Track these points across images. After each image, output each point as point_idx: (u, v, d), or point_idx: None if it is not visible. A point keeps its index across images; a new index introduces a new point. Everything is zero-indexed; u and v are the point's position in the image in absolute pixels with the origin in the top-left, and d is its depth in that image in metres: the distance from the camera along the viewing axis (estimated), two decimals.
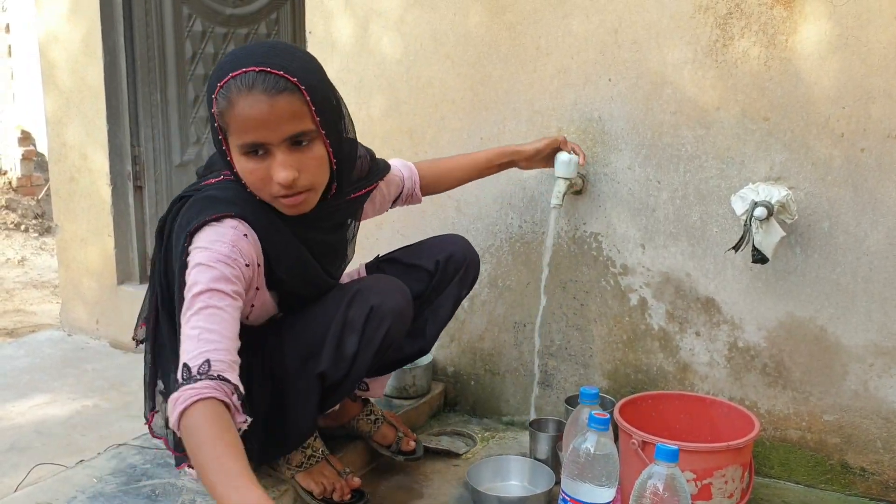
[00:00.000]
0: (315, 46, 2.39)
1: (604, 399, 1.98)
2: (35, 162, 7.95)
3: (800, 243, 1.89)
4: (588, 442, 1.49)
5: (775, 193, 1.81)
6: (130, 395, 2.61)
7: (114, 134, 3.00)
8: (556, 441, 1.95)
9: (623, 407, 1.82)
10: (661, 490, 1.38)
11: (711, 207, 1.96)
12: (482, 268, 2.27)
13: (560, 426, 2.03)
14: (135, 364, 2.89)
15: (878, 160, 1.78)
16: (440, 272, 1.88)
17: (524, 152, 2.04)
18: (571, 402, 2.03)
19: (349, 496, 1.78)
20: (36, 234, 6.76)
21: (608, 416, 1.50)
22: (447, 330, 2.31)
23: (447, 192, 2.15)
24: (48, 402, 2.54)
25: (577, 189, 2.10)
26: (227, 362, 1.35)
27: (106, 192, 3.02)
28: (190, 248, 1.47)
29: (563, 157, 2.00)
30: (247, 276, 1.48)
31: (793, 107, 1.85)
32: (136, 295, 3.03)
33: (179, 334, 1.41)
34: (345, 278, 1.95)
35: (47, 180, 7.63)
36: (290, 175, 1.43)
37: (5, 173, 7.91)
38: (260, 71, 1.39)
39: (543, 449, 1.97)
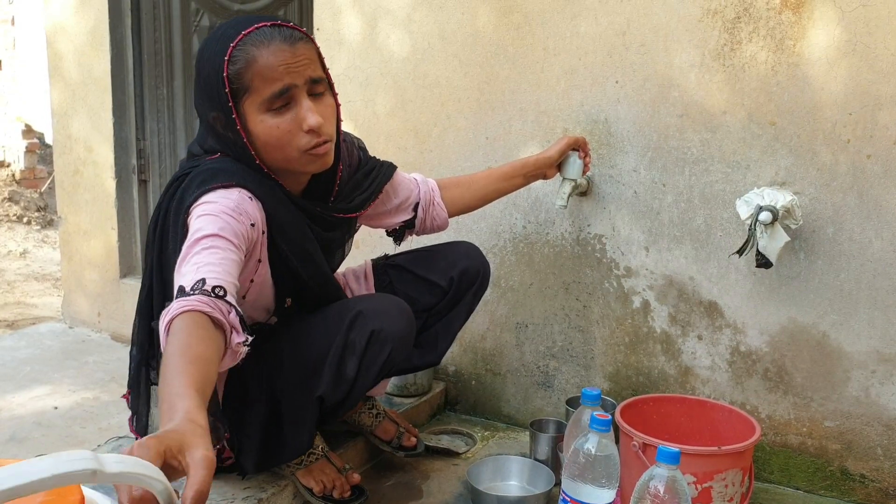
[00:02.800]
0: (322, 43, 2.39)
1: (605, 401, 1.98)
2: (38, 154, 7.95)
3: (804, 249, 1.89)
4: (589, 443, 1.49)
5: (780, 198, 1.81)
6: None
7: (119, 127, 3.00)
8: (557, 442, 1.95)
9: (624, 409, 1.82)
10: (661, 492, 1.38)
11: (716, 211, 1.96)
12: None
13: (560, 427, 2.03)
14: None
15: (885, 167, 1.78)
16: (454, 289, 1.86)
17: (550, 158, 1.96)
18: (572, 403, 2.03)
19: (349, 493, 1.78)
20: (38, 227, 6.77)
21: (610, 417, 1.50)
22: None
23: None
24: (48, 393, 2.54)
25: (582, 191, 2.10)
26: (226, 283, 1.29)
27: (110, 184, 3.02)
28: (192, 209, 1.43)
29: (571, 158, 1.99)
30: (251, 237, 1.45)
31: (799, 112, 1.85)
32: (138, 288, 3.03)
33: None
34: (350, 276, 1.95)
35: (50, 173, 7.64)
36: (319, 119, 1.47)
37: (9, 165, 7.92)
38: (272, 25, 1.46)
39: (544, 449, 1.97)
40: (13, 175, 7.63)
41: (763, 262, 1.83)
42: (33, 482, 0.68)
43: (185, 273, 1.32)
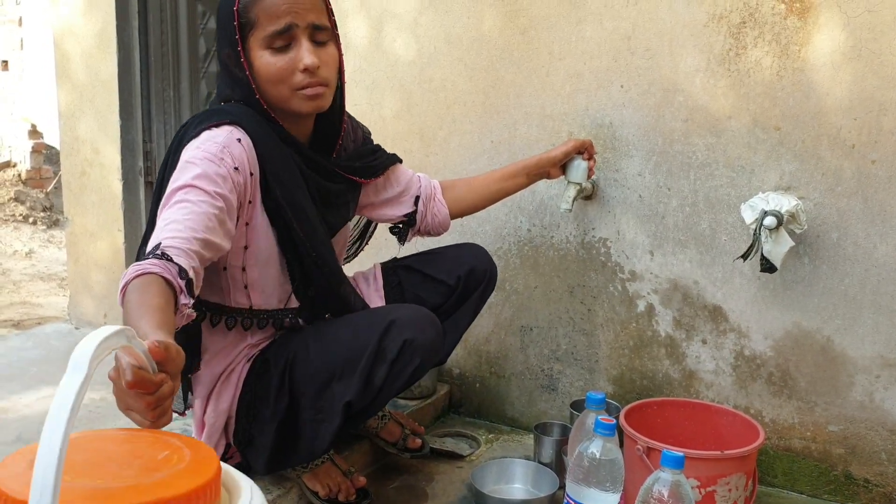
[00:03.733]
0: None
1: (609, 404, 1.98)
2: (44, 155, 7.98)
3: (808, 253, 1.89)
4: (594, 446, 1.49)
5: (785, 203, 1.81)
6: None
7: (126, 129, 3.01)
8: (561, 445, 1.95)
9: (629, 413, 1.82)
10: (665, 496, 1.38)
11: (721, 216, 1.96)
12: None
13: (564, 430, 2.04)
14: None
15: (889, 172, 1.78)
16: (462, 287, 1.88)
17: (554, 157, 1.97)
18: (576, 406, 2.04)
19: (354, 496, 1.79)
20: (44, 227, 6.79)
21: (614, 421, 1.51)
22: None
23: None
24: (55, 394, 2.55)
25: (587, 194, 2.11)
26: (180, 247, 1.33)
27: (117, 186, 3.03)
28: (183, 151, 1.50)
29: (576, 162, 2.00)
30: (236, 180, 1.48)
31: (804, 117, 1.85)
32: None
33: None
34: (359, 278, 1.95)
35: (56, 173, 7.67)
36: (315, 60, 1.53)
37: (15, 166, 7.94)
38: None
39: (548, 453, 1.98)
40: (19, 175, 7.66)
41: (767, 266, 1.84)
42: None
43: (156, 230, 1.38)
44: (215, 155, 1.47)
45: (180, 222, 1.37)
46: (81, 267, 3.22)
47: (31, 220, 6.87)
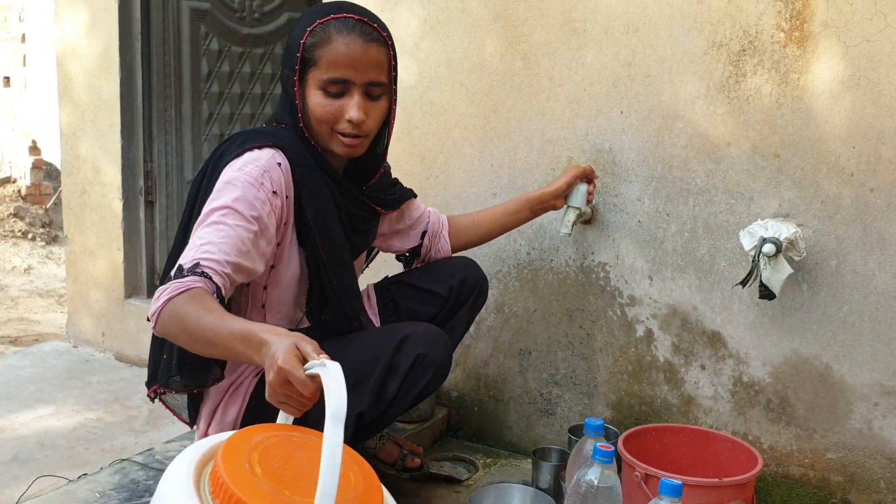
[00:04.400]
0: None
1: (608, 430, 1.98)
2: (44, 171, 7.99)
3: (807, 280, 1.89)
4: (592, 474, 1.49)
5: (784, 230, 1.82)
6: (134, 409, 2.61)
7: (127, 148, 3.02)
8: (559, 470, 1.95)
9: (627, 439, 1.82)
10: None
11: (720, 242, 1.97)
12: (488, 293, 2.28)
13: (563, 455, 2.03)
14: (139, 378, 2.90)
15: (888, 200, 1.79)
16: (454, 297, 1.91)
17: (557, 190, 2.00)
18: (575, 431, 2.03)
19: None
20: (43, 243, 6.79)
21: (613, 448, 1.50)
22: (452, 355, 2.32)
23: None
24: (52, 413, 2.55)
25: (587, 219, 2.12)
26: (216, 269, 1.41)
27: (117, 205, 3.04)
28: (224, 170, 1.55)
29: (576, 186, 2.01)
30: (274, 203, 1.54)
31: (803, 144, 1.86)
32: (143, 309, 3.04)
33: None
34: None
35: (56, 189, 7.68)
36: (362, 115, 1.59)
37: (15, 181, 7.95)
38: (359, 20, 1.60)
39: (546, 478, 1.97)
40: (19, 191, 7.66)
41: (766, 293, 1.84)
42: None
43: (190, 248, 1.45)
44: (256, 179, 1.51)
45: (215, 244, 1.43)
46: (80, 285, 3.22)
47: (30, 235, 6.87)
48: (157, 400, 1.71)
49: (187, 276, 1.38)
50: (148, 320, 1.42)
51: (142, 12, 2.97)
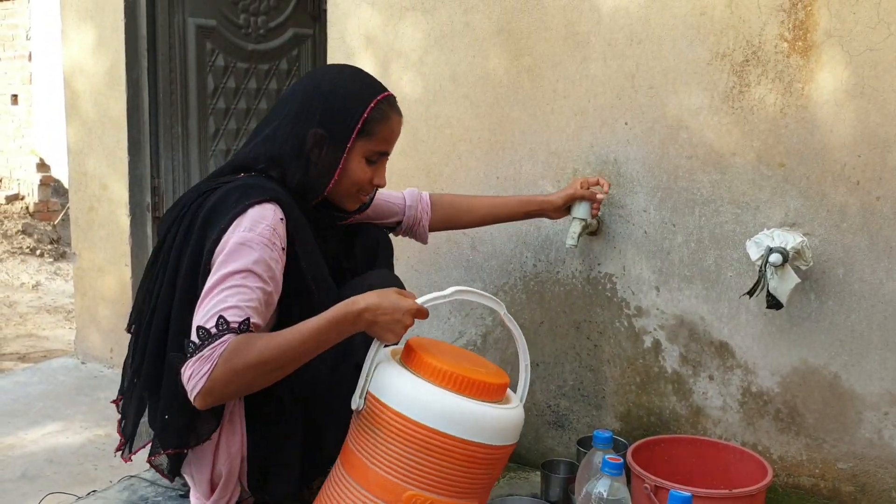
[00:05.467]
0: None
1: (616, 441, 1.97)
2: (52, 187, 8.03)
3: (814, 290, 1.89)
4: (601, 486, 1.49)
5: (790, 240, 1.81)
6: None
7: (134, 165, 3.04)
8: (568, 483, 1.94)
9: (636, 450, 1.82)
10: None
11: (726, 252, 1.97)
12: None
13: (572, 468, 2.02)
14: None
15: (894, 208, 1.79)
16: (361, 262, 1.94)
17: (554, 202, 2.04)
18: (584, 443, 2.03)
19: None
20: (51, 259, 6.81)
21: (622, 460, 1.50)
22: None
23: (463, 230, 2.20)
24: (61, 430, 2.55)
25: (593, 230, 2.12)
26: (250, 323, 1.49)
27: (125, 221, 3.05)
28: (229, 229, 1.55)
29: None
30: (282, 259, 1.59)
31: (808, 154, 1.86)
32: None
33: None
34: None
35: (63, 206, 7.72)
36: (385, 182, 1.81)
37: (23, 198, 7.99)
38: (394, 97, 1.78)
39: (555, 491, 1.96)
40: (27, 207, 7.71)
41: (773, 303, 1.84)
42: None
43: (203, 310, 1.48)
44: (269, 239, 1.55)
45: (241, 309, 1.49)
46: (89, 301, 3.23)
47: (38, 252, 6.90)
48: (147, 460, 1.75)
49: (224, 333, 1.45)
50: (191, 399, 1.46)
51: (148, 30, 2.99)
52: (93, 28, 3.03)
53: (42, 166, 8.09)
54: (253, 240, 1.53)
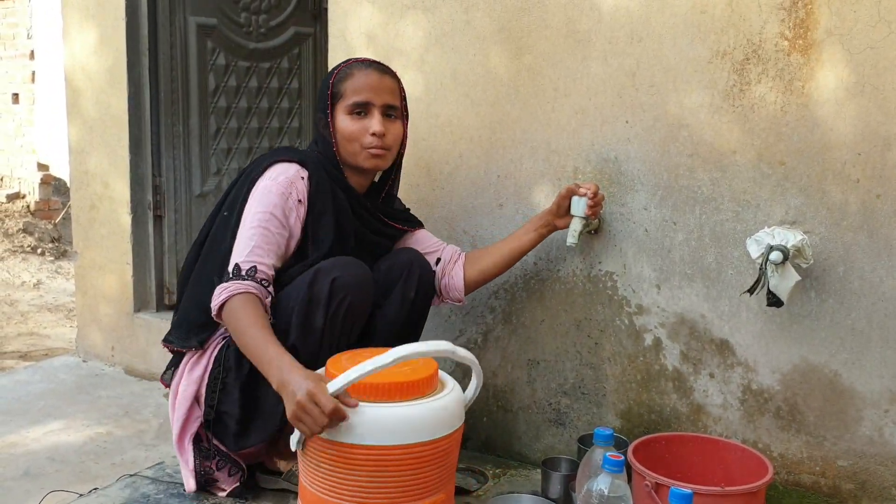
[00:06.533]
0: None
1: (617, 439, 1.97)
2: (53, 186, 8.03)
3: (815, 287, 1.89)
4: (602, 483, 1.49)
5: (791, 237, 1.82)
6: (144, 422, 2.62)
7: (136, 163, 3.04)
8: (569, 480, 1.94)
9: (636, 448, 1.82)
10: None
11: (727, 250, 1.97)
12: (496, 303, 2.29)
13: (573, 465, 2.03)
14: (149, 392, 2.91)
15: (894, 206, 1.79)
16: (383, 277, 2.02)
17: (550, 209, 2.08)
18: (584, 441, 2.03)
19: None
20: (52, 258, 6.82)
21: (623, 457, 1.51)
22: (460, 365, 2.33)
23: (464, 232, 2.24)
24: (62, 428, 2.55)
25: (593, 229, 2.12)
26: (268, 275, 1.83)
27: (126, 220, 3.06)
28: (260, 178, 1.91)
29: (576, 197, 2.02)
30: (299, 211, 1.90)
31: (809, 152, 1.86)
32: (152, 323, 3.06)
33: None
34: None
35: (64, 204, 7.72)
36: (382, 128, 1.94)
37: (24, 197, 8.00)
38: (374, 61, 2.03)
39: (556, 488, 1.97)
40: (28, 206, 7.71)
41: (774, 301, 1.84)
42: (411, 354, 1.57)
43: (243, 245, 1.84)
44: (286, 188, 1.88)
45: (264, 249, 1.83)
46: (90, 300, 3.24)
47: (39, 251, 6.90)
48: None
49: (247, 279, 1.79)
50: (211, 308, 1.81)
51: (149, 28, 2.99)
52: (94, 27, 3.03)
53: (43, 165, 8.09)
54: (272, 187, 1.87)
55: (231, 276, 1.80)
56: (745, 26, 1.90)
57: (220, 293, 1.79)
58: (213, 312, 1.80)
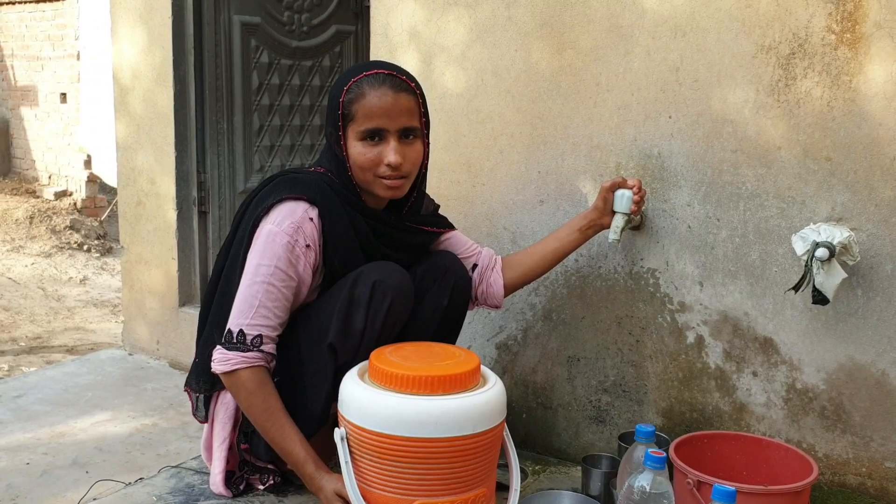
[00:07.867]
0: None
1: (659, 437, 1.96)
2: (99, 184, 8.19)
3: (861, 285, 1.86)
4: (644, 480, 1.49)
5: (837, 234, 1.79)
6: (188, 415, 2.65)
7: (181, 160, 3.09)
8: (609, 477, 1.94)
9: (678, 445, 1.81)
10: None
11: (771, 247, 1.95)
12: (536, 300, 2.29)
13: (613, 463, 2.02)
14: None
15: None
16: (418, 282, 1.96)
17: (596, 206, 2.03)
18: (625, 438, 2.02)
19: None
20: (98, 255, 6.96)
21: (665, 454, 1.50)
22: (500, 362, 2.33)
23: (504, 228, 2.25)
24: (109, 419, 2.61)
25: (635, 225, 2.11)
26: (273, 338, 1.79)
27: (172, 216, 3.11)
28: (264, 218, 1.80)
29: (619, 192, 2.01)
30: (308, 256, 1.80)
31: (856, 147, 1.83)
32: (197, 317, 3.10)
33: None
34: None
35: (109, 202, 7.87)
36: (399, 159, 1.79)
37: (71, 195, 8.18)
38: (388, 73, 1.81)
39: (596, 485, 1.96)
40: (75, 204, 7.87)
41: (820, 298, 1.82)
42: None
43: (246, 305, 1.77)
44: (291, 236, 1.76)
45: (268, 308, 1.77)
46: (136, 294, 3.30)
47: (85, 247, 7.05)
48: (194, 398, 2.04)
49: (252, 349, 1.76)
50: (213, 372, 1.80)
51: (195, 27, 3.03)
52: (142, 26, 3.09)
53: (89, 163, 8.26)
54: (276, 237, 1.76)
55: (235, 342, 1.77)
56: (790, 20, 1.87)
57: (224, 359, 1.77)
58: (216, 372, 1.80)
